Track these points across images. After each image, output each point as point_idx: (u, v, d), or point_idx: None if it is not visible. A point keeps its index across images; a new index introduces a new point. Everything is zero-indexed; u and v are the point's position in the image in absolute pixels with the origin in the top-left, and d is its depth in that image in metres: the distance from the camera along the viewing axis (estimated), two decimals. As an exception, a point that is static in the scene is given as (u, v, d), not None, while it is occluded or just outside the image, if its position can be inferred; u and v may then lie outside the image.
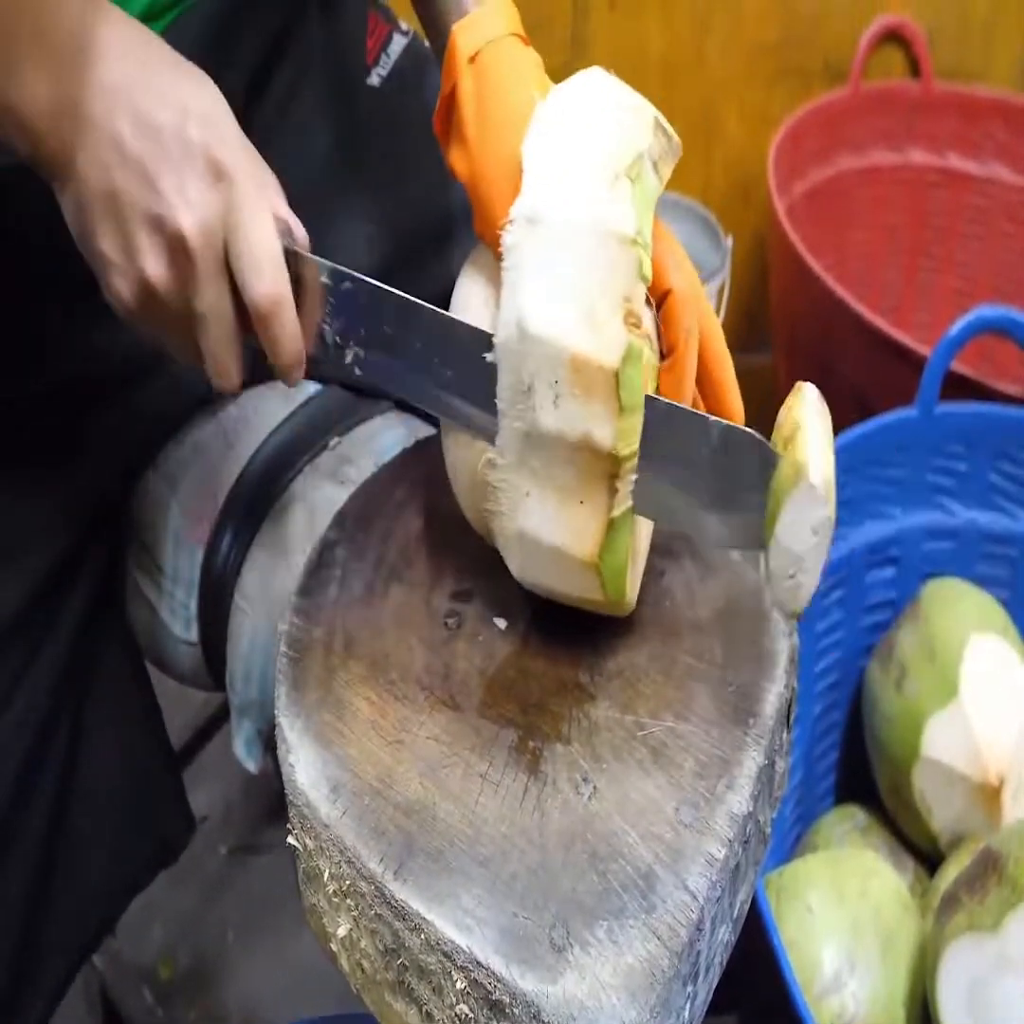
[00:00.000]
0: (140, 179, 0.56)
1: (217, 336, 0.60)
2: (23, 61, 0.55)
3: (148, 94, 0.56)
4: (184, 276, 0.58)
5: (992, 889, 0.86)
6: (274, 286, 0.57)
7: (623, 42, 1.68)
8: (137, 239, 0.57)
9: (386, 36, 0.91)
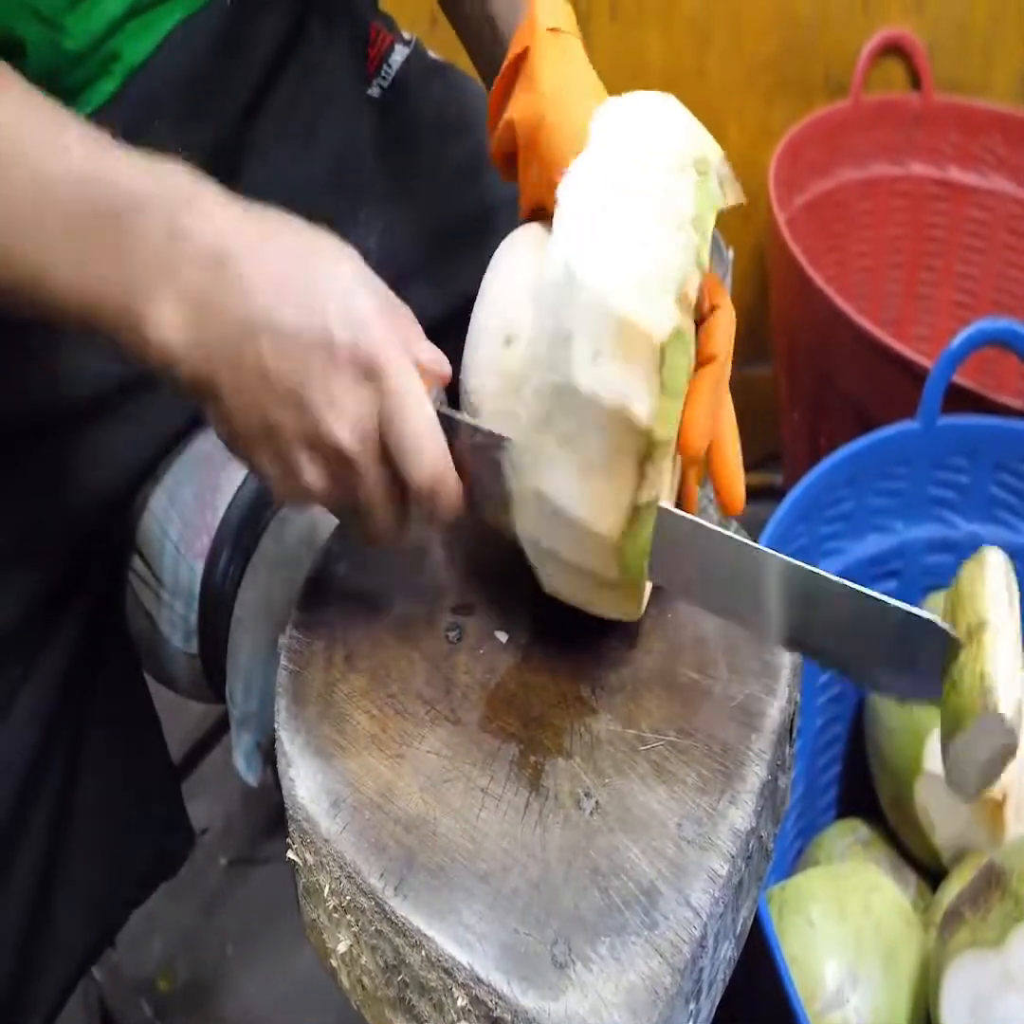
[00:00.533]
0: (290, 403, 0.56)
1: (384, 516, 0.60)
2: (154, 297, 0.55)
3: (280, 303, 0.55)
4: (345, 477, 0.58)
5: (995, 905, 0.86)
6: (434, 468, 0.57)
7: (623, 52, 1.68)
8: (296, 459, 0.57)
9: (388, 46, 0.91)
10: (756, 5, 1.67)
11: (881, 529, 1.21)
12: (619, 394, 0.54)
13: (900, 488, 1.20)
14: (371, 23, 0.91)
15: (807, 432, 1.59)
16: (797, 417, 1.62)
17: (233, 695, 0.83)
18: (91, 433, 0.79)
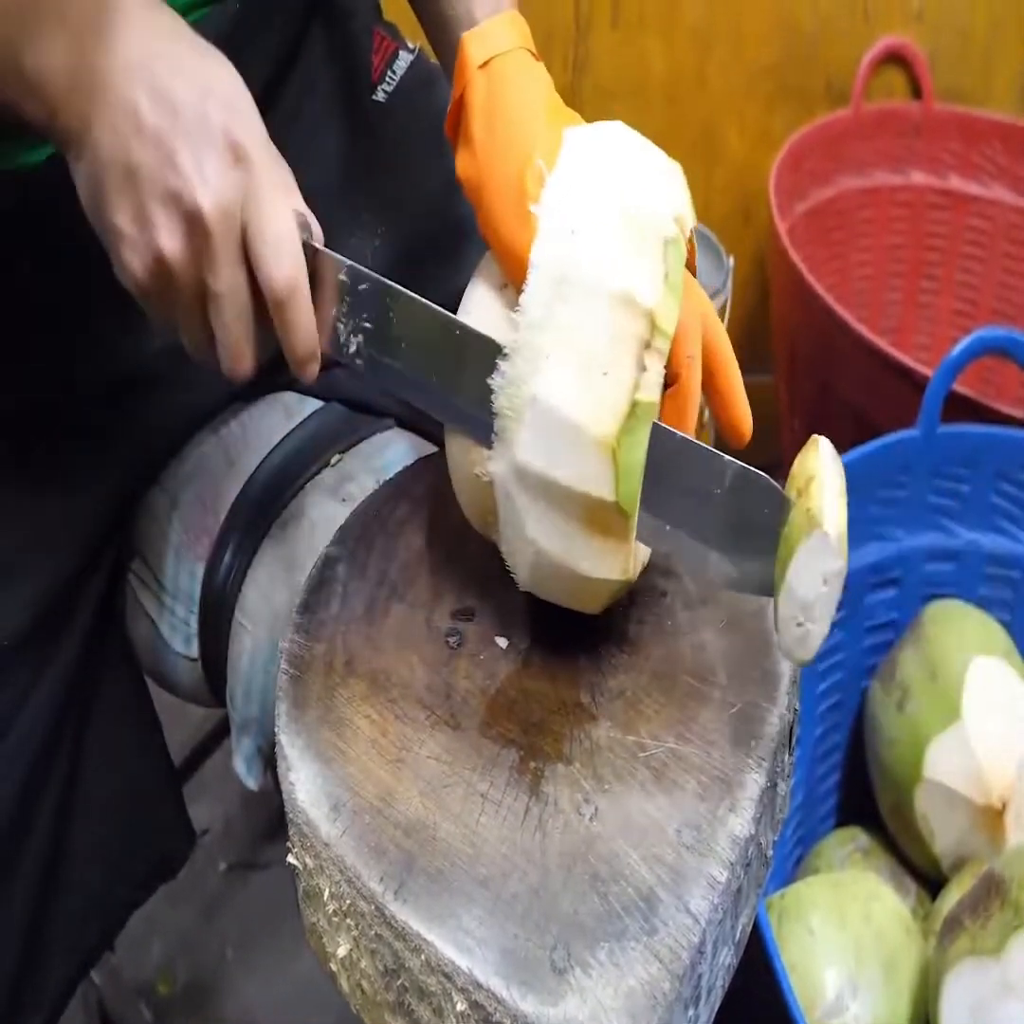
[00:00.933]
0: (158, 153, 0.55)
1: (232, 317, 0.58)
2: (42, 29, 0.54)
3: (169, 69, 0.55)
4: (200, 253, 0.57)
5: (995, 913, 0.86)
6: (292, 271, 0.57)
7: (625, 61, 1.68)
8: (153, 213, 0.56)
9: (391, 53, 0.91)
10: (757, 13, 1.67)
11: (881, 537, 1.21)
12: (624, 278, 0.56)
13: (900, 496, 1.20)
14: (375, 30, 0.91)
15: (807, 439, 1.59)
16: (797, 424, 1.63)
17: (233, 699, 0.83)
18: (93, 437, 0.80)
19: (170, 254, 0.56)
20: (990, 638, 1.15)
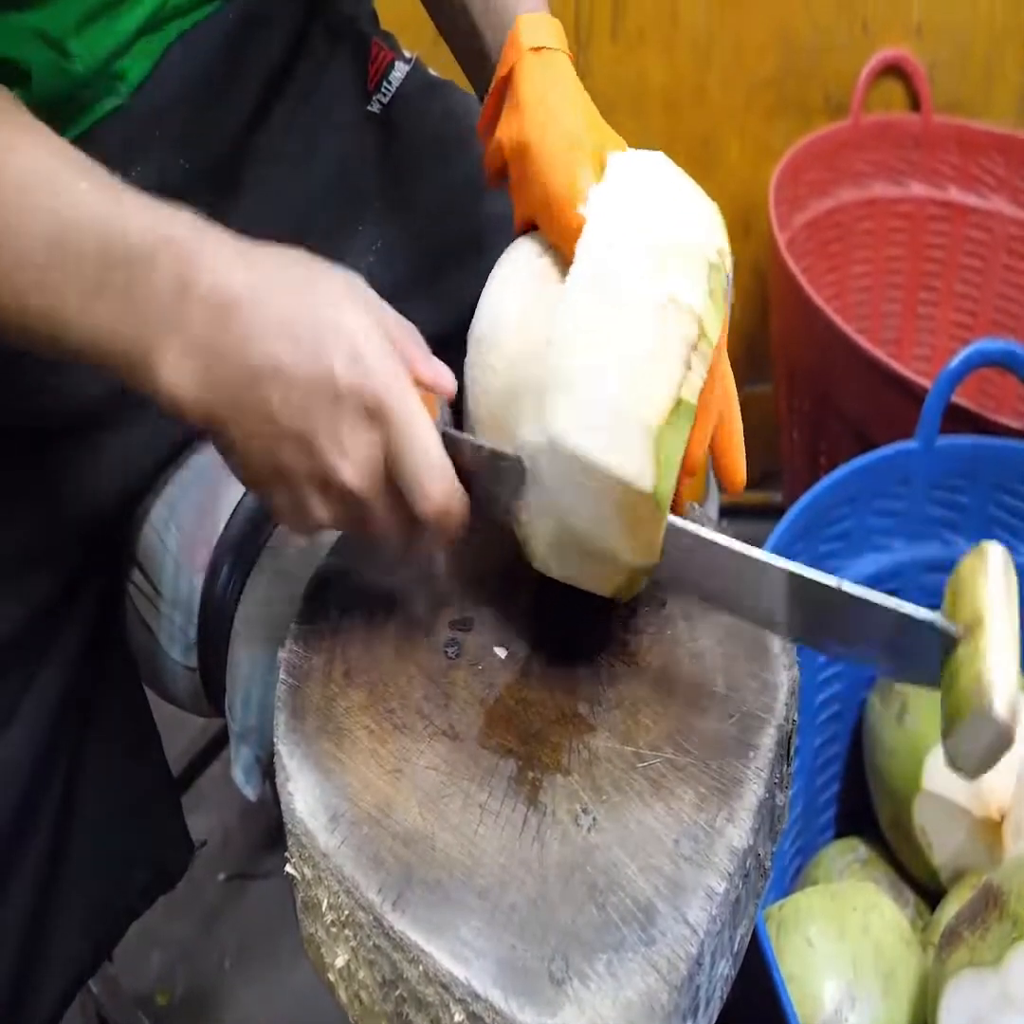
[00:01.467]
0: (298, 447, 0.57)
1: (395, 540, 0.62)
2: (163, 348, 0.56)
3: (284, 349, 0.56)
4: (355, 512, 0.60)
5: (993, 925, 0.86)
6: (444, 500, 0.59)
7: (624, 73, 1.69)
8: (307, 498, 0.59)
9: (388, 63, 0.91)
10: (756, 26, 1.68)
11: (880, 548, 1.21)
12: (674, 283, 0.57)
13: (899, 507, 1.21)
14: (372, 40, 0.92)
15: (806, 450, 1.59)
16: (796, 435, 1.63)
17: (232, 709, 0.83)
18: (92, 445, 0.80)
19: (328, 522, 0.60)
20: (989, 649, 1.15)
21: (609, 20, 1.65)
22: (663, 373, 0.56)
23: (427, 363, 0.60)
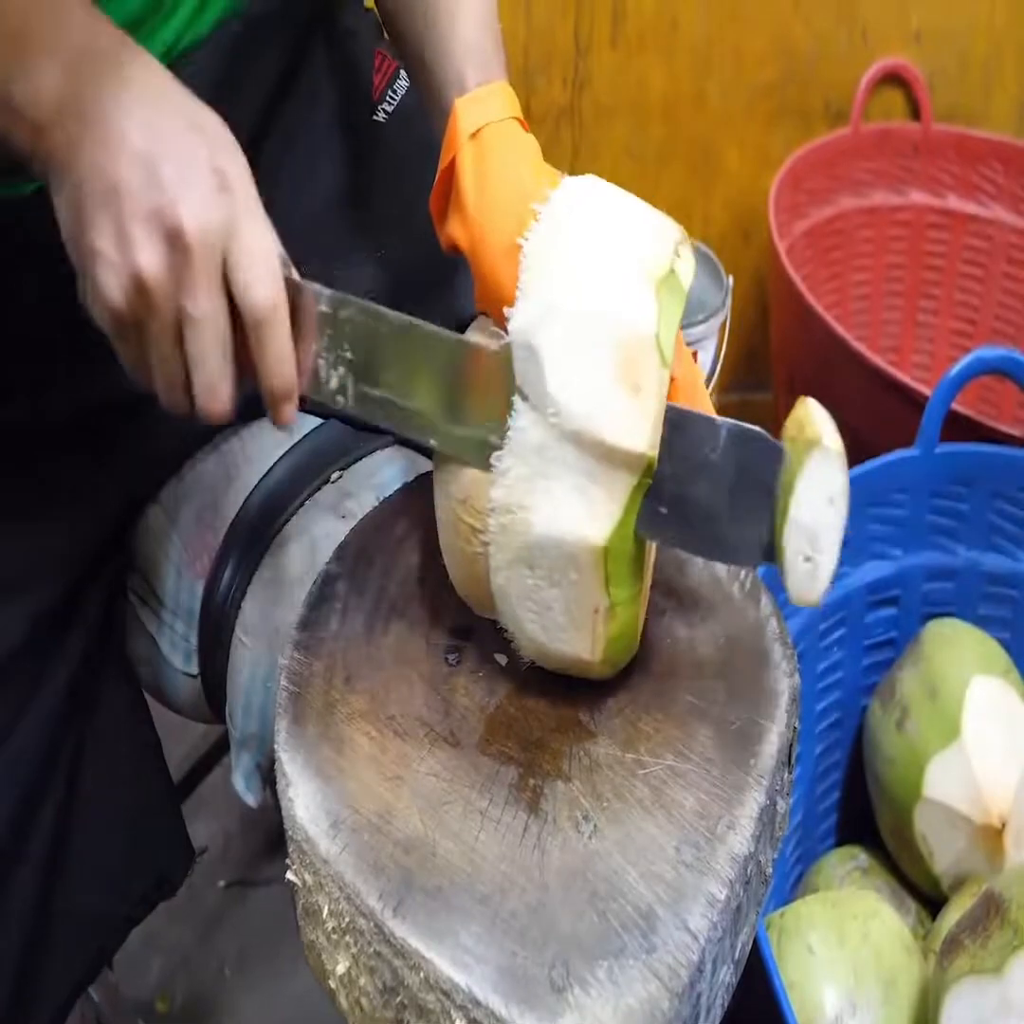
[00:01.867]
0: (143, 172, 0.54)
1: (209, 345, 0.57)
2: (33, 59, 0.55)
3: (159, 105, 0.56)
4: (179, 275, 0.55)
5: (995, 932, 0.85)
6: (271, 292, 0.56)
7: (624, 81, 1.69)
8: (133, 230, 0.54)
9: (393, 73, 0.91)
10: (756, 34, 1.68)
11: (880, 556, 1.21)
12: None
13: (899, 515, 1.20)
14: (376, 50, 0.92)
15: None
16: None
17: (233, 715, 0.83)
18: (93, 455, 0.80)
19: (148, 272, 0.55)
20: (990, 657, 1.15)
21: (609, 28, 1.65)
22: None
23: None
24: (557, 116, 1.71)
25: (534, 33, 1.63)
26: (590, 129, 1.72)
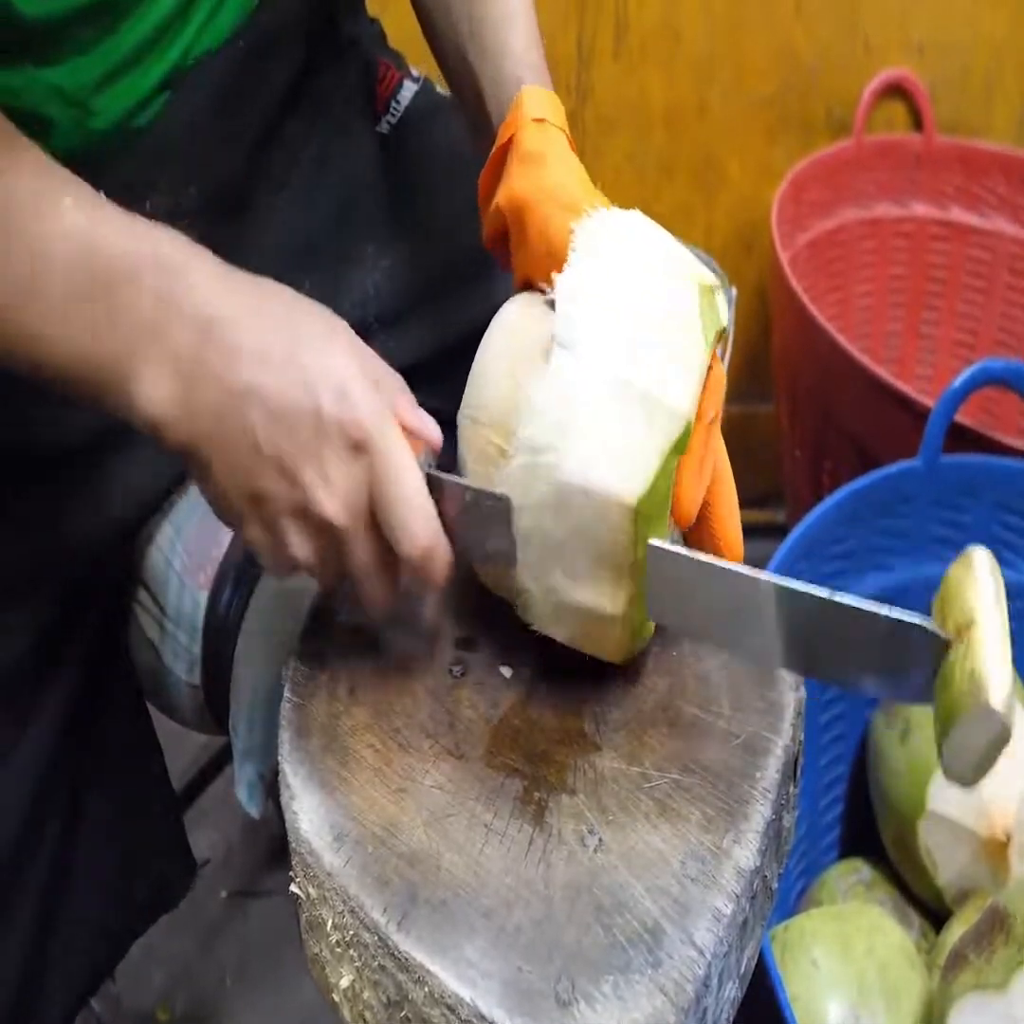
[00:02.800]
0: (279, 474, 0.56)
1: (371, 584, 0.60)
2: (143, 364, 0.56)
3: (269, 374, 0.56)
4: (334, 550, 0.59)
5: (999, 947, 0.85)
6: (427, 541, 0.58)
7: (626, 91, 1.69)
8: (285, 532, 0.58)
9: (397, 83, 0.91)
10: (758, 45, 1.68)
11: (883, 567, 1.21)
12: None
13: (902, 527, 1.20)
14: (380, 60, 0.92)
15: (809, 469, 1.59)
16: (799, 454, 1.63)
17: (236, 726, 0.83)
18: (100, 468, 0.80)
19: (305, 560, 0.59)
20: (993, 669, 1.14)
21: (611, 39, 1.65)
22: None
23: (413, 411, 0.60)
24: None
25: (537, 43, 1.63)
26: (592, 138, 1.72)
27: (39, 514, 0.78)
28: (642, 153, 1.72)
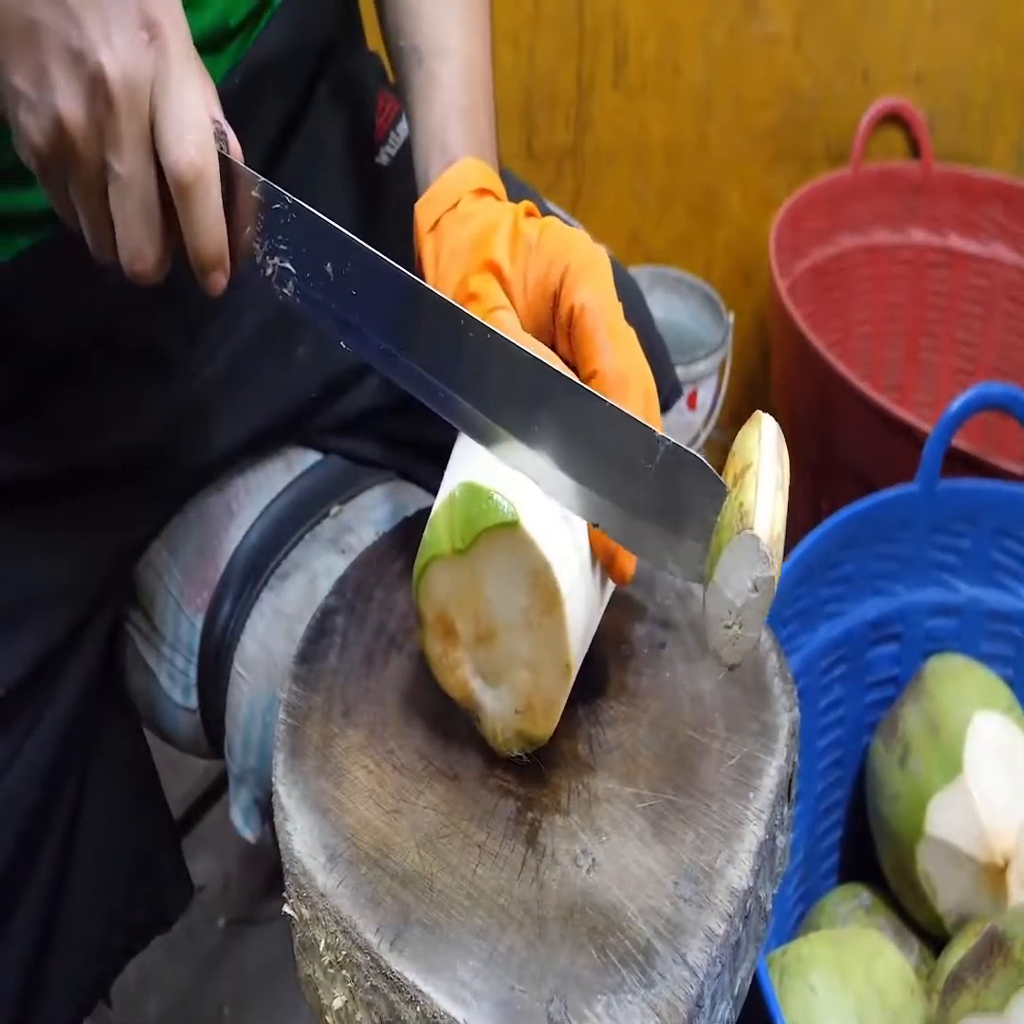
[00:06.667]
0: (63, 11, 0.51)
1: (133, 206, 0.54)
2: None
3: None
4: (102, 125, 0.53)
5: (998, 971, 0.85)
6: (199, 155, 0.53)
7: (626, 122, 1.71)
8: (52, 71, 0.52)
9: (396, 114, 0.92)
10: (757, 75, 1.70)
11: (882, 592, 1.21)
12: None
13: (901, 551, 1.21)
14: (380, 92, 0.92)
15: (808, 496, 1.60)
16: (798, 481, 1.63)
17: (232, 750, 0.83)
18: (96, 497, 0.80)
19: (69, 117, 0.52)
20: (992, 693, 1.14)
21: (611, 70, 1.67)
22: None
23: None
24: (559, 157, 1.72)
25: (536, 74, 1.65)
26: (592, 169, 1.74)
27: (35, 538, 0.78)
28: (642, 183, 1.74)
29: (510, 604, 0.56)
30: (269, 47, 0.77)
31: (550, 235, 0.64)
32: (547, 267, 0.62)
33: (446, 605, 0.58)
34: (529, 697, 0.58)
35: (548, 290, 0.62)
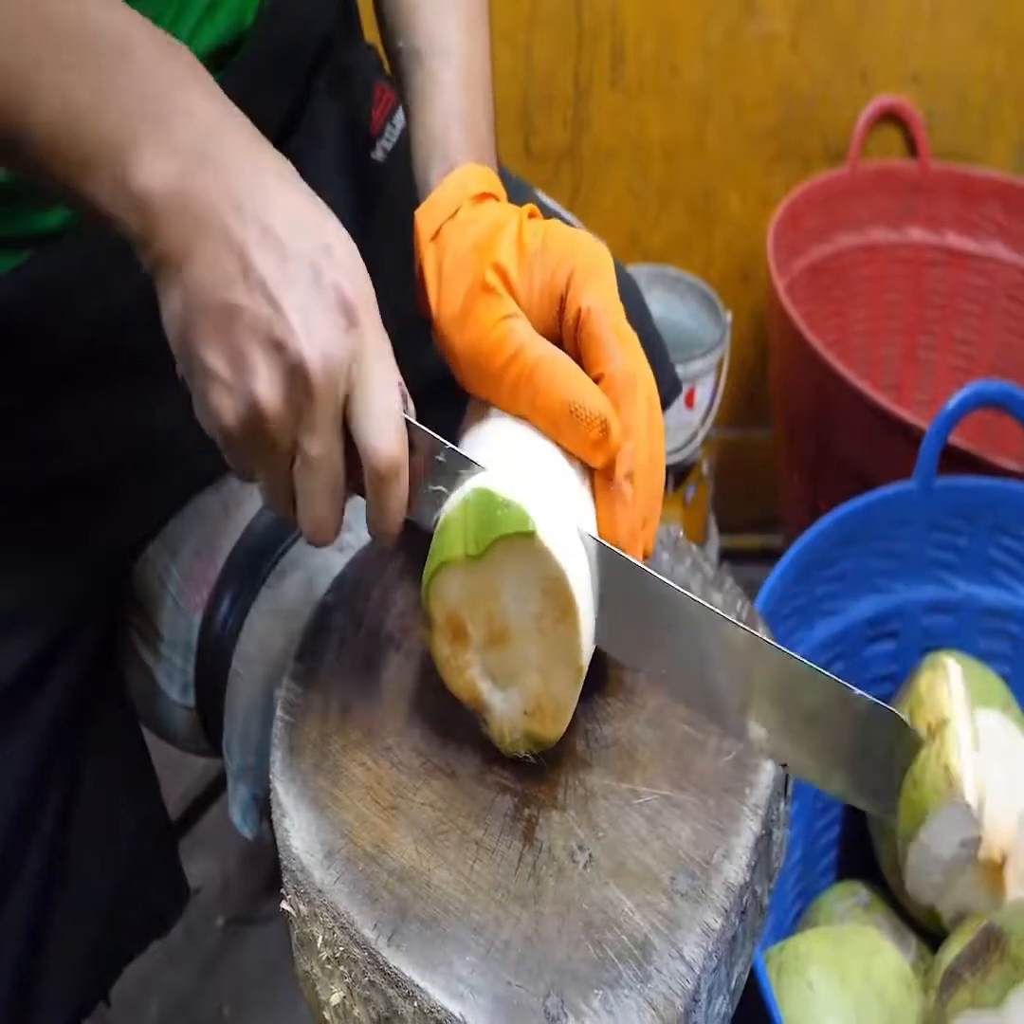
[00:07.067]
0: (264, 298, 0.51)
1: (321, 487, 0.55)
2: (150, 146, 0.51)
3: (283, 214, 0.53)
4: (298, 410, 0.53)
5: (994, 966, 0.85)
6: (397, 450, 0.54)
7: (624, 122, 1.71)
8: (252, 357, 0.51)
9: (392, 106, 0.92)
10: (755, 75, 1.70)
11: (879, 590, 1.21)
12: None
13: (898, 549, 1.21)
14: (376, 84, 0.92)
15: (806, 495, 1.60)
16: (796, 480, 1.63)
17: (230, 747, 0.83)
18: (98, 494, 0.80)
19: (267, 404, 0.52)
20: (989, 690, 1.14)
21: (608, 70, 1.67)
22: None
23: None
24: (557, 157, 1.72)
25: (534, 74, 1.65)
26: (590, 169, 1.73)
27: (34, 537, 0.78)
28: (640, 184, 1.74)
29: (523, 609, 0.57)
30: (267, 41, 0.77)
31: (555, 238, 0.64)
32: (553, 270, 0.62)
33: (457, 609, 0.58)
34: (539, 699, 0.58)
35: (555, 293, 0.62)
